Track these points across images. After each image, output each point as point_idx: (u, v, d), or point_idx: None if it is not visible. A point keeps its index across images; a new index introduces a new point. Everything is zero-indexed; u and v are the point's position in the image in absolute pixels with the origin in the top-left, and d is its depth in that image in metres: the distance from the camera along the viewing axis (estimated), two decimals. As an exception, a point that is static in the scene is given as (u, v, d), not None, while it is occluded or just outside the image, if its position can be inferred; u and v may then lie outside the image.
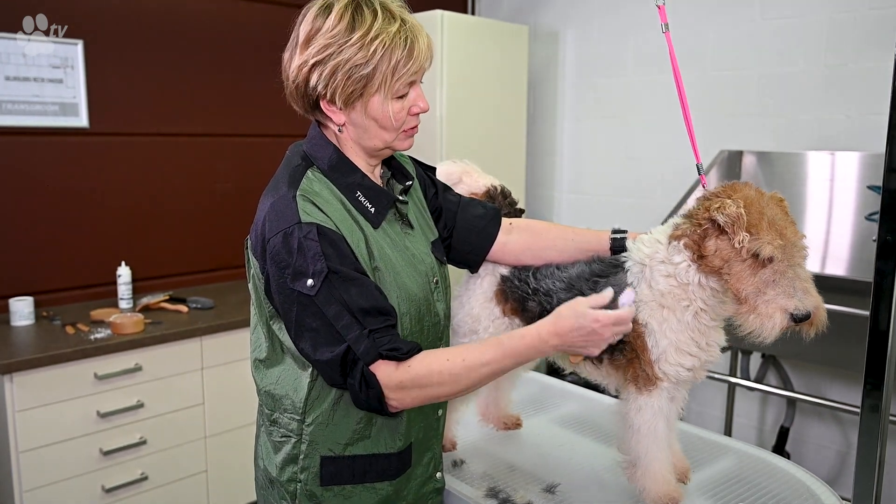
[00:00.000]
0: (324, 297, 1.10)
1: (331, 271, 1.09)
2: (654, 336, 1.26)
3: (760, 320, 1.14)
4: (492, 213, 1.44)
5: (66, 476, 2.32)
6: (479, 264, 1.46)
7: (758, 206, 1.17)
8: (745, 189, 1.21)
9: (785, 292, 1.13)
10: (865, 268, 2.32)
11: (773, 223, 1.15)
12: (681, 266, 1.24)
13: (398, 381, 1.12)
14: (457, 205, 1.42)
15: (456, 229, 1.41)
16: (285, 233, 1.11)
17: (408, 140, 1.24)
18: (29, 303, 2.55)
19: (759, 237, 1.13)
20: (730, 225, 1.15)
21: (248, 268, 1.26)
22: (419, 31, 1.17)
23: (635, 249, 1.31)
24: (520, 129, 3.69)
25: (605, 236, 1.39)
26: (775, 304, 1.13)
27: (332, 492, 1.22)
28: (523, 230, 1.45)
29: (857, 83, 2.72)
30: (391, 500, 1.26)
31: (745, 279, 1.16)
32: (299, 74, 1.17)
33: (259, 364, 1.27)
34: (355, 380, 1.12)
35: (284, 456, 1.23)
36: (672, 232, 1.27)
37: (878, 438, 1.31)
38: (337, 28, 1.13)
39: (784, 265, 1.14)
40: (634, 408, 1.30)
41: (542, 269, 1.41)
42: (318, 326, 1.11)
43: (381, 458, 1.23)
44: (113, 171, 2.89)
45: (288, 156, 1.26)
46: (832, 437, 2.94)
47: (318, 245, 1.10)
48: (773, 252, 1.13)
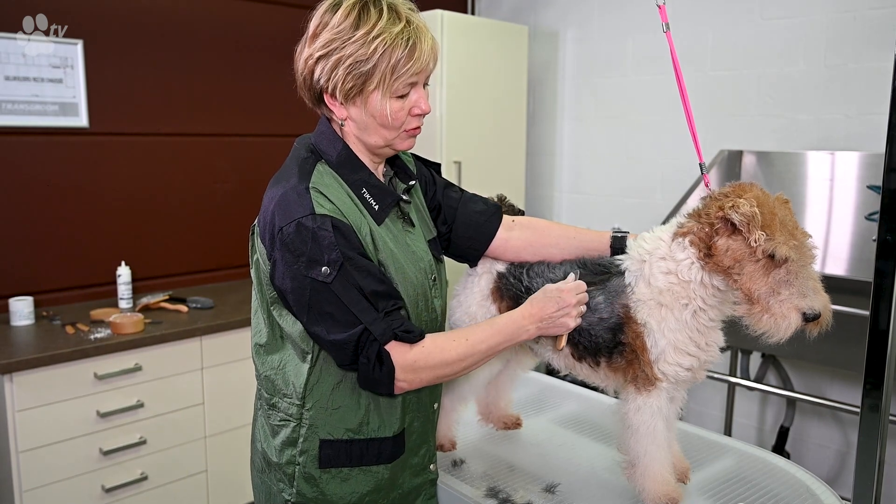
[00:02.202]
0: (339, 283, 1.14)
1: (346, 259, 1.13)
2: (653, 336, 1.26)
3: (775, 320, 1.13)
4: (493, 210, 1.46)
5: (66, 476, 2.32)
6: (477, 259, 1.49)
7: (769, 206, 1.16)
8: (753, 189, 1.21)
9: (800, 292, 1.13)
10: (865, 268, 2.32)
11: (784, 224, 1.15)
12: (683, 263, 1.23)
13: (412, 360, 1.18)
14: (458, 201, 1.44)
15: (456, 224, 1.43)
16: (299, 222, 1.14)
17: (408, 140, 1.26)
18: (29, 303, 2.55)
19: (774, 237, 1.13)
20: (745, 224, 1.15)
21: (251, 253, 1.28)
22: (423, 34, 1.19)
23: (636, 246, 1.32)
24: (520, 129, 3.69)
25: (606, 236, 1.42)
26: (790, 304, 1.13)
27: (329, 474, 1.25)
28: (525, 227, 1.46)
29: (857, 83, 2.72)
30: (387, 486, 1.29)
31: (757, 279, 1.15)
32: (305, 67, 1.20)
33: (259, 349, 1.30)
34: (369, 359, 1.16)
35: (283, 439, 1.26)
36: (676, 230, 1.27)
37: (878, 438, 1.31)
38: (343, 24, 1.16)
39: (798, 265, 1.14)
40: (633, 408, 1.30)
41: (534, 267, 1.42)
42: (333, 311, 1.15)
43: (377, 441, 1.26)
44: (113, 171, 2.89)
45: (296, 147, 1.29)
46: (832, 437, 2.94)
47: (333, 235, 1.13)
48: (789, 252, 1.12)
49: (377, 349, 1.16)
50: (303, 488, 1.25)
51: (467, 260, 1.49)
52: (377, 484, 1.27)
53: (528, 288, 1.39)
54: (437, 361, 1.20)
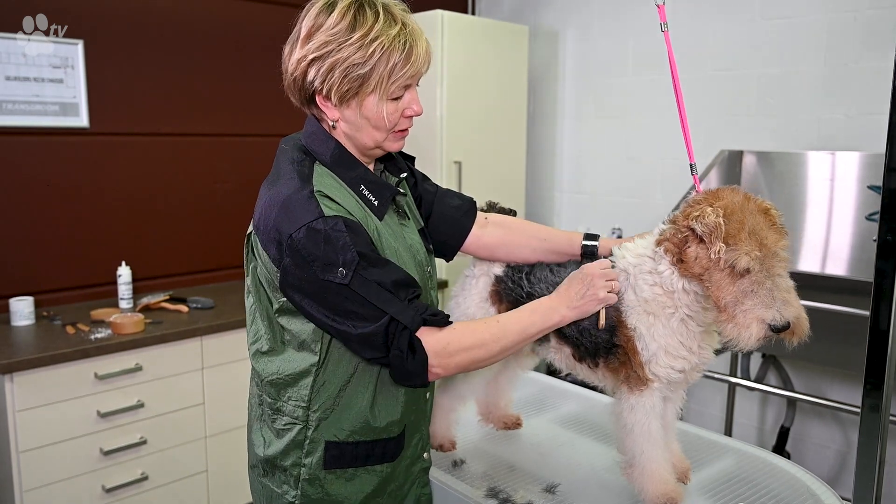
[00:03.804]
0: (358, 281, 1.13)
1: (361, 257, 1.13)
2: (643, 340, 1.27)
3: (738, 330, 1.13)
4: (467, 206, 1.47)
5: (67, 476, 2.32)
6: (453, 254, 1.49)
7: (739, 214, 1.16)
8: (730, 196, 1.20)
9: (763, 303, 1.12)
10: (865, 268, 2.32)
11: (754, 233, 1.14)
12: (665, 274, 1.24)
13: (445, 343, 1.18)
14: (433, 194, 1.45)
15: (432, 218, 1.43)
16: (309, 226, 1.12)
17: (398, 142, 1.26)
18: (29, 303, 2.55)
19: (737, 248, 1.13)
20: (707, 234, 1.15)
21: (248, 260, 1.28)
22: (419, 36, 1.19)
23: (619, 257, 1.32)
24: (520, 129, 3.69)
25: (577, 240, 1.43)
26: (753, 315, 1.12)
27: (334, 474, 1.25)
28: (498, 225, 1.47)
29: (857, 83, 2.72)
30: (388, 480, 1.30)
31: (724, 288, 1.15)
32: (297, 68, 1.19)
33: (261, 355, 1.29)
34: (401, 349, 1.16)
35: (288, 442, 1.25)
36: (658, 237, 1.27)
37: (878, 438, 1.31)
38: (338, 26, 1.15)
39: (762, 276, 1.13)
40: (627, 407, 1.31)
41: (535, 272, 1.42)
42: (357, 308, 1.14)
43: (381, 442, 1.27)
44: (113, 171, 2.90)
45: (284, 148, 1.28)
46: (832, 437, 2.94)
47: (347, 235, 1.13)
48: (749, 264, 1.12)
49: (408, 338, 1.16)
50: (307, 490, 1.25)
51: (442, 254, 1.49)
52: (381, 481, 1.28)
53: (529, 293, 1.39)
54: (469, 343, 1.19)
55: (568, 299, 1.27)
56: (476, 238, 1.46)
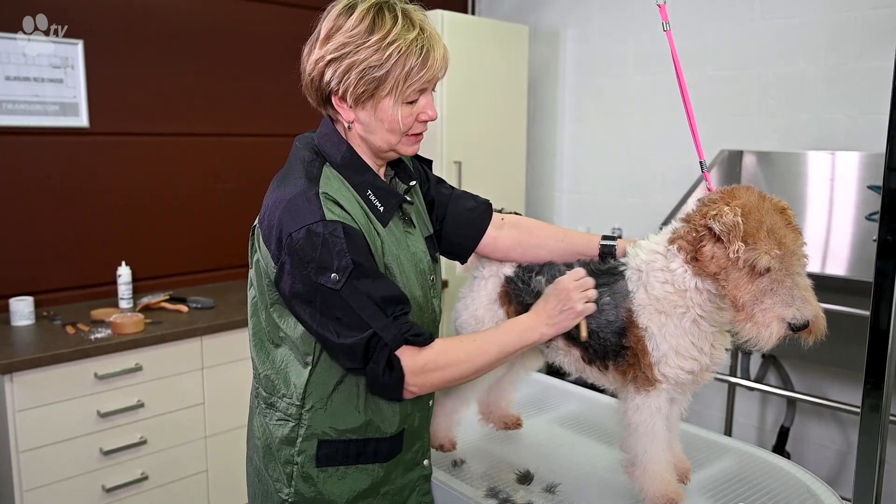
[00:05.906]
0: (349, 289, 1.13)
1: (356, 265, 1.13)
2: (654, 339, 1.26)
3: (757, 329, 1.13)
4: (483, 207, 1.46)
5: (66, 476, 2.32)
6: (467, 256, 1.48)
7: (757, 213, 1.15)
8: (746, 195, 1.19)
9: (783, 301, 1.12)
10: (865, 268, 2.32)
11: (773, 231, 1.14)
12: (677, 272, 1.23)
13: (422, 363, 1.18)
14: (448, 197, 1.45)
15: (446, 220, 1.43)
16: (309, 228, 1.13)
17: (413, 146, 1.27)
18: (29, 303, 2.55)
19: (756, 247, 1.12)
20: (725, 234, 1.15)
21: (251, 252, 1.28)
22: (436, 42, 1.20)
23: (633, 255, 1.31)
24: (520, 129, 3.69)
25: (595, 241, 1.42)
26: (773, 313, 1.12)
27: (326, 472, 1.26)
28: (514, 226, 1.46)
29: (857, 83, 2.72)
30: (381, 483, 1.29)
31: (742, 287, 1.15)
32: (315, 69, 1.20)
33: (260, 348, 1.29)
34: (378, 364, 1.16)
35: (281, 438, 1.26)
36: (671, 235, 1.27)
37: (878, 438, 1.31)
38: (357, 28, 1.16)
39: (782, 274, 1.13)
40: (632, 407, 1.31)
41: (544, 272, 1.41)
42: (342, 315, 1.15)
43: (374, 441, 1.27)
44: (113, 171, 2.89)
45: (297, 147, 1.28)
46: (832, 437, 2.94)
47: (343, 241, 1.13)
48: (769, 263, 1.12)
49: (387, 355, 1.16)
50: (301, 488, 1.25)
51: (457, 257, 1.49)
52: (373, 481, 1.28)
53: (539, 293, 1.38)
54: (445, 361, 1.20)
55: (546, 316, 1.27)
56: (492, 239, 1.45)
